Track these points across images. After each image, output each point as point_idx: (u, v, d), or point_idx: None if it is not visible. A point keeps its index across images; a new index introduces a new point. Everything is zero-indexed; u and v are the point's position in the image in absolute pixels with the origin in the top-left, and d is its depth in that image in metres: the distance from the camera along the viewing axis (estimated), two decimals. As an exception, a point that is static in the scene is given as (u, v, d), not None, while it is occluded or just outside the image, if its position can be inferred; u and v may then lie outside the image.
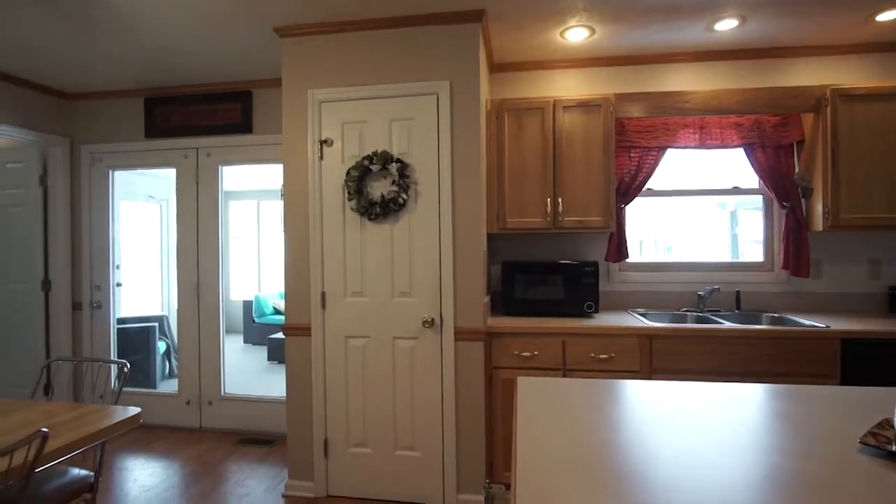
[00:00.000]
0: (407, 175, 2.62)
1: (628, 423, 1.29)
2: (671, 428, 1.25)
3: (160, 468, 3.16)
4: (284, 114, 2.78)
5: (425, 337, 2.63)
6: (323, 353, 2.73)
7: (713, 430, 1.24)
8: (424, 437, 2.64)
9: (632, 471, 1.01)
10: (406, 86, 2.64)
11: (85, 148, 3.94)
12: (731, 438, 1.18)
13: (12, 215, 3.90)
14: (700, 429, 1.24)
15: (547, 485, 0.96)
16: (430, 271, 2.63)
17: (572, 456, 1.09)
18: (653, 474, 1.00)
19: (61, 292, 3.88)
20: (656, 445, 1.14)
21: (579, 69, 3.26)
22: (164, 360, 4.99)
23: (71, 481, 2.00)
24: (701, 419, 1.31)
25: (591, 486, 0.96)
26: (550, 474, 1.01)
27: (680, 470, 1.02)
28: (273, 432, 3.68)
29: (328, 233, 2.72)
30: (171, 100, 3.78)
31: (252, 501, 2.72)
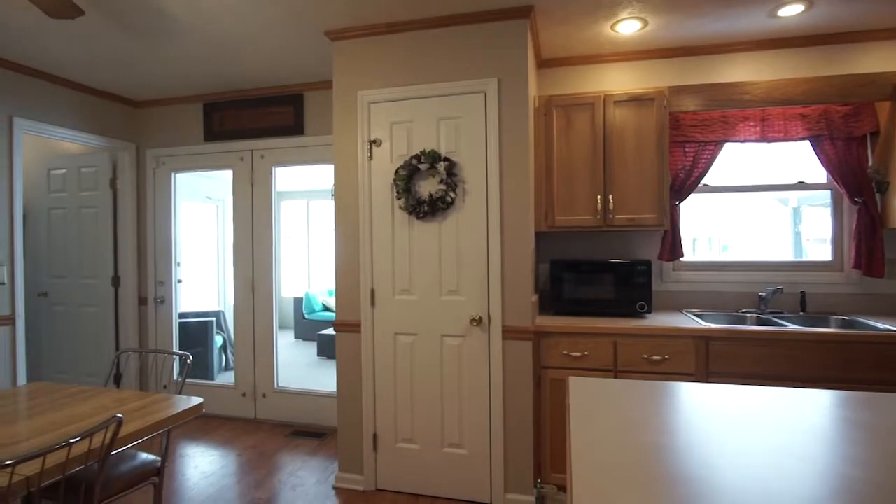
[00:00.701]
0: (455, 173, 2.63)
1: (686, 427, 1.24)
2: (731, 434, 1.20)
3: (219, 456, 3.31)
4: (335, 115, 2.85)
5: (473, 335, 2.63)
6: (372, 350, 2.78)
7: (777, 436, 1.18)
8: (472, 435, 2.64)
9: (691, 477, 0.98)
10: (453, 84, 2.65)
11: (150, 152, 4.17)
12: (797, 446, 1.12)
13: (85, 216, 4.18)
14: (763, 435, 1.18)
15: (604, 489, 0.94)
16: (478, 270, 2.62)
17: (629, 459, 1.06)
18: (713, 482, 0.96)
19: (129, 288, 4.13)
20: (716, 451, 1.10)
21: (630, 62, 3.17)
22: (220, 353, 5.23)
23: (140, 465, 2.12)
24: (763, 425, 1.25)
25: (650, 492, 0.93)
26: (607, 478, 0.99)
27: (742, 478, 0.97)
28: (323, 426, 3.78)
29: (377, 231, 2.77)
30: (228, 104, 3.94)
31: (305, 492, 2.81)
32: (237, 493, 2.80)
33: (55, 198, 4.27)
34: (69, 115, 3.68)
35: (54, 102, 3.58)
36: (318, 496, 2.76)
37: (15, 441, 1.59)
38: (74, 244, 4.20)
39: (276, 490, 2.84)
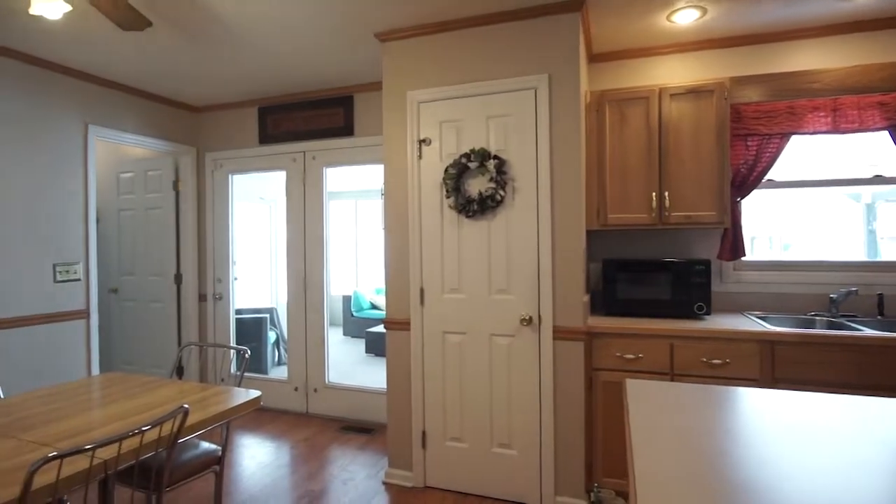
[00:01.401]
0: (504, 171, 2.61)
1: (752, 434, 1.18)
2: (802, 444, 1.12)
3: (273, 448, 3.42)
4: (385, 116, 2.89)
5: (523, 335, 2.60)
6: (421, 348, 2.80)
7: (853, 449, 1.09)
8: (521, 436, 2.61)
9: (760, 488, 0.92)
10: (503, 82, 2.63)
11: (209, 155, 4.36)
12: (876, 460, 1.04)
13: (151, 217, 4.42)
14: (837, 447, 1.11)
15: (670, 497, 0.91)
16: (528, 269, 2.59)
17: (694, 467, 1.02)
18: (784, 495, 0.90)
19: (190, 285, 4.33)
20: (786, 462, 1.03)
21: (687, 53, 3.04)
22: (273, 348, 5.41)
23: (203, 453, 2.22)
24: (837, 436, 1.16)
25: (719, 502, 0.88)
26: (672, 485, 0.95)
27: (814, 492, 0.91)
28: (372, 421, 3.85)
29: (426, 230, 2.78)
30: (281, 108, 4.07)
31: (356, 486, 2.86)
32: (291, 484, 2.89)
33: (124, 200, 4.54)
34: (137, 122, 3.90)
35: (124, 110, 3.80)
36: (368, 490, 2.80)
37: (90, 428, 1.70)
38: (141, 243, 4.45)
39: (328, 483, 2.90)
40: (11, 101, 3.10)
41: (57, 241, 3.34)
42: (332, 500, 2.71)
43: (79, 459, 1.38)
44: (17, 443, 1.56)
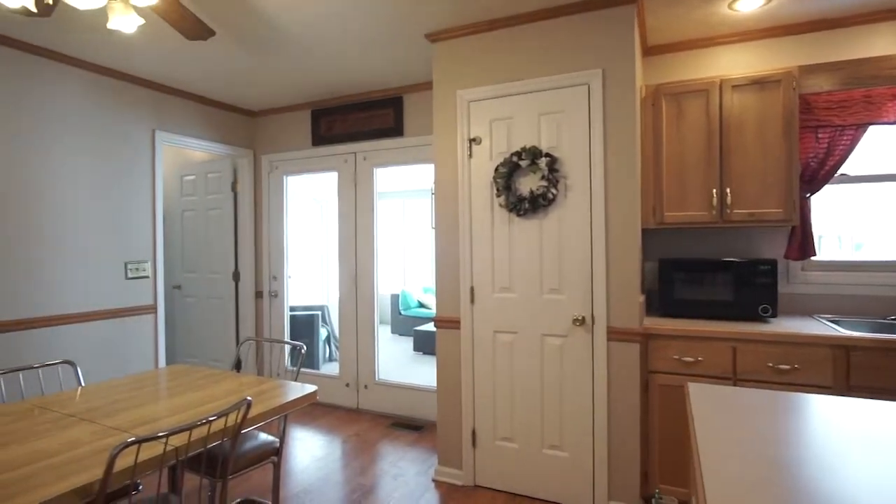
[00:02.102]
0: (556, 169, 2.57)
1: (825, 444, 1.10)
2: (885, 456, 1.04)
3: (326, 442, 3.51)
4: (435, 115, 2.90)
5: (575, 335, 2.55)
6: (472, 347, 2.80)
7: (960, 465, 1.01)
8: (573, 438, 2.57)
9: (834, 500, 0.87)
10: (555, 78, 2.59)
11: (265, 157, 4.53)
12: None
13: (211, 217, 4.63)
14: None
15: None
16: (581, 268, 2.54)
17: (764, 475, 0.97)
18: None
19: (247, 282, 4.51)
20: (865, 475, 0.96)
21: (749, 42, 2.90)
22: (325, 345, 5.55)
23: (262, 444, 2.30)
24: (940, 450, 1.08)
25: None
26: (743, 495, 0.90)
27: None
28: (422, 419, 3.88)
29: (477, 229, 2.78)
30: (333, 110, 4.17)
31: (406, 482, 2.90)
32: (343, 478, 2.96)
33: (187, 201, 4.78)
34: (198, 127, 4.10)
35: (187, 116, 4.00)
36: (418, 487, 2.83)
37: (158, 417, 1.80)
38: (202, 242, 4.67)
39: (379, 478, 2.95)
40: (87, 110, 3.32)
41: (128, 240, 3.55)
42: (383, 495, 2.76)
43: (153, 445, 1.46)
44: (99, 427, 1.67)
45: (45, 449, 1.49)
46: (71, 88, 3.22)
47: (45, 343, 3.08)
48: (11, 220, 2.93)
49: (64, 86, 3.19)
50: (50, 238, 3.11)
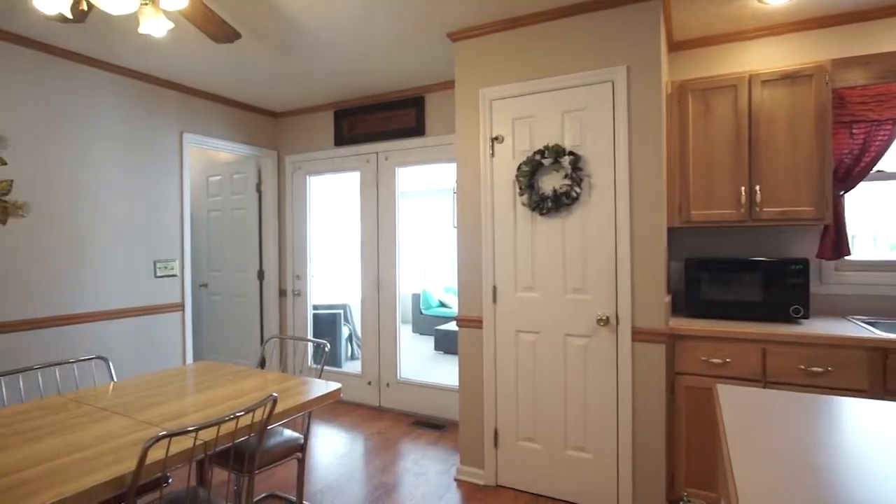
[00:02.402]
0: (580, 168, 2.54)
1: (862, 449, 1.07)
2: (942, 463, 1.00)
3: (348, 439, 3.54)
4: (457, 114, 2.90)
5: (599, 335, 2.52)
6: (494, 346, 2.79)
7: None
8: (597, 440, 2.54)
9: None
10: (578, 76, 2.56)
11: (288, 158, 4.59)
12: None
13: (236, 217, 4.72)
14: None
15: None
16: (605, 267, 2.51)
17: (799, 481, 0.94)
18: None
19: (271, 281, 4.58)
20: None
21: (779, 36, 2.82)
22: (347, 343, 5.60)
23: (286, 440, 2.33)
24: None
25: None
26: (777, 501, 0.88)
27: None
28: (443, 418, 3.89)
29: (499, 228, 2.77)
30: (355, 110, 4.20)
31: (428, 480, 2.90)
32: (366, 475, 2.98)
33: (213, 201, 4.87)
34: (224, 128, 4.18)
35: (213, 118, 4.08)
36: (440, 486, 2.83)
37: (186, 412, 1.83)
38: (228, 242, 4.76)
39: (401, 476, 2.97)
40: (119, 114, 3.41)
41: (157, 239, 3.64)
42: (405, 493, 2.77)
43: (183, 439, 1.49)
44: (131, 421, 1.71)
45: (79, 441, 1.54)
46: (104, 92, 3.32)
47: (80, 339, 3.18)
48: (54, 221, 3.03)
49: (97, 90, 3.28)
50: (85, 238, 3.21)
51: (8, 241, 2.86)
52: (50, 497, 1.20)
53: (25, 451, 1.47)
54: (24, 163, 2.92)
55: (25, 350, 2.92)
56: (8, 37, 2.85)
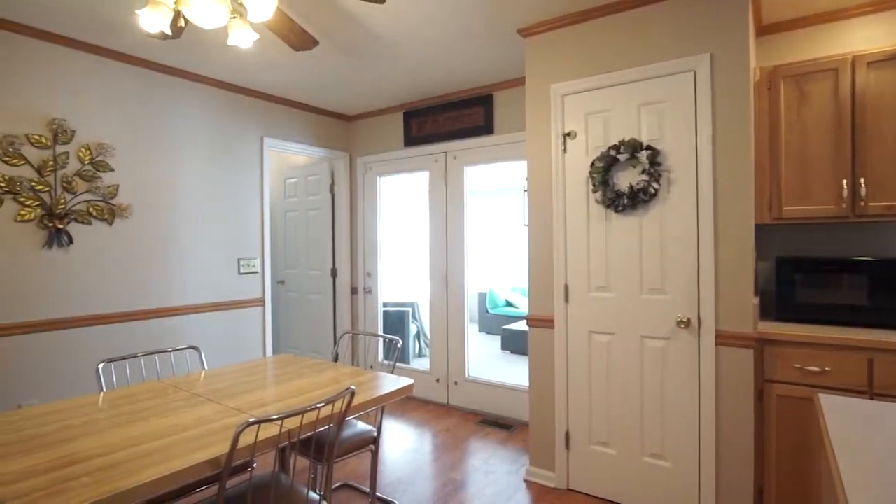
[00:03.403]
0: (658, 162, 2.43)
1: None
2: None
3: (417, 435, 3.60)
4: (528, 111, 2.87)
5: (679, 338, 2.40)
6: (565, 347, 2.73)
7: None
8: (676, 448, 2.42)
9: None
10: (656, 66, 2.45)
11: (360, 160, 4.73)
12: None
13: (311, 217, 4.93)
14: None
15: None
16: (686, 267, 2.39)
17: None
18: None
19: (343, 278, 4.75)
20: None
21: (888, 12, 2.55)
22: (415, 340, 5.70)
23: (360, 433, 2.41)
24: None
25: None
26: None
27: None
28: (511, 418, 3.86)
29: (571, 226, 2.71)
30: (424, 111, 4.26)
31: (497, 480, 2.89)
32: (434, 471, 3.01)
33: (289, 202, 5.12)
34: (300, 132, 4.38)
35: (290, 122, 4.29)
36: (509, 486, 2.82)
37: (269, 401, 1.93)
38: (303, 241, 4.99)
39: (470, 474, 2.97)
40: (206, 122, 3.67)
41: (240, 239, 3.88)
42: (474, 491, 2.77)
43: (269, 426, 1.58)
44: (222, 407, 1.83)
45: (180, 423, 1.67)
46: (193, 102, 3.58)
47: (173, 330, 3.44)
48: (151, 221, 3.31)
49: (187, 100, 3.55)
50: (178, 237, 3.47)
51: (114, 241, 3.15)
52: (165, 469, 1.33)
53: (139, 428, 1.62)
54: (126, 168, 3.21)
55: (127, 339, 3.21)
56: (115, 55, 3.14)
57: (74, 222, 2.97)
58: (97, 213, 3.06)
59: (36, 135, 2.81)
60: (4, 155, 2.70)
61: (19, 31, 2.75)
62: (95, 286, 3.06)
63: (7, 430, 1.61)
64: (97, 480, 1.26)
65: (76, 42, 2.97)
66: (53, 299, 2.89)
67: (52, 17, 2.68)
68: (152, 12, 1.83)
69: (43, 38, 2.84)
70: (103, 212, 3.09)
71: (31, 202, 2.79)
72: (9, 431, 1.60)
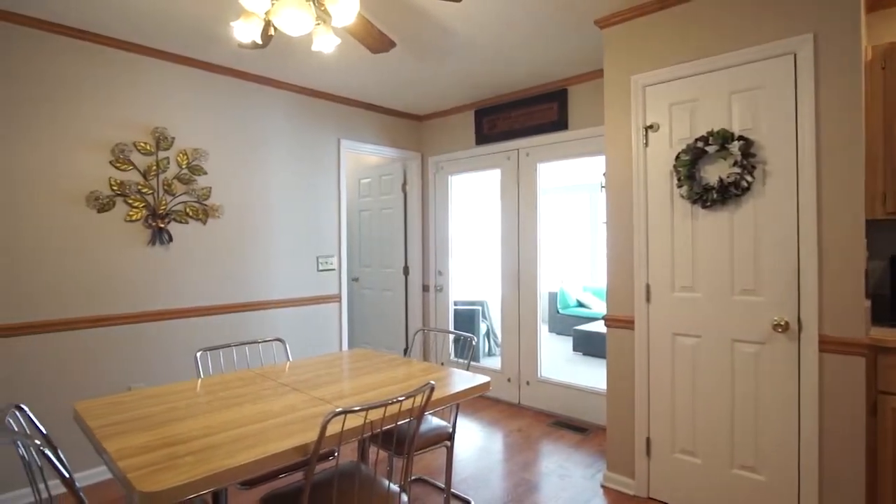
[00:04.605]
0: (752, 154, 2.27)
1: None
2: None
3: (488, 433, 3.59)
4: (606, 104, 2.77)
5: (776, 343, 2.23)
6: (647, 349, 2.62)
7: None
8: (772, 460, 2.24)
9: None
10: (749, 51, 2.28)
11: (431, 159, 4.79)
12: None
13: (384, 216, 5.05)
14: None
15: None
16: (784, 266, 2.20)
17: None
18: None
19: (415, 276, 4.83)
20: None
21: None
22: (484, 339, 5.69)
23: (436, 428, 2.43)
24: None
25: None
26: None
27: None
28: (585, 420, 3.75)
29: (653, 223, 2.59)
30: (496, 109, 4.24)
31: (572, 484, 2.82)
32: (507, 471, 2.99)
33: (364, 202, 5.28)
34: (373, 134, 4.50)
35: (364, 124, 4.42)
36: (585, 490, 2.74)
37: (350, 393, 1.99)
38: (376, 240, 5.12)
39: (544, 475, 2.92)
40: (288, 126, 3.86)
41: (319, 237, 4.05)
42: (548, 493, 2.72)
43: (353, 417, 1.63)
44: (307, 397, 1.92)
45: (271, 410, 1.76)
46: (276, 107, 3.78)
47: (258, 323, 3.65)
48: (239, 221, 3.53)
49: (272, 106, 3.75)
50: (262, 235, 3.68)
51: (207, 239, 3.39)
52: (259, 452, 1.40)
53: (234, 413, 1.74)
54: (218, 171, 3.44)
55: (216, 330, 3.44)
56: (210, 67, 3.38)
57: (173, 222, 3.23)
58: (193, 213, 3.30)
59: (142, 142, 3.08)
60: (116, 161, 2.98)
61: (130, 48, 3.02)
62: (191, 281, 3.31)
63: (123, 410, 1.78)
64: (200, 459, 1.36)
65: (178, 56, 3.22)
66: (156, 292, 3.16)
67: (162, 35, 2.92)
68: (245, 23, 1.95)
69: (150, 55, 3.11)
70: (198, 212, 3.33)
71: (137, 204, 3.06)
72: (124, 411, 1.77)
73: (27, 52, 2.69)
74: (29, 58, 2.70)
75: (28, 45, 2.69)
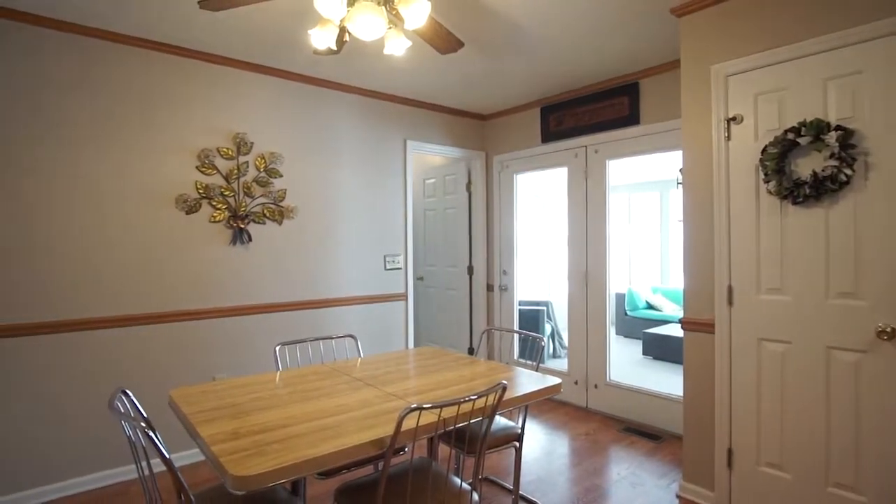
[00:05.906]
0: (852, 145, 2.08)
1: None
2: None
3: (556, 436, 3.53)
4: (683, 96, 2.64)
5: (880, 351, 2.03)
6: (728, 355, 2.47)
7: None
8: (876, 480, 2.05)
9: None
10: (848, 33, 2.09)
11: (496, 158, 4.77)
12: None
13: (448, 215, 5.09)
14: None
15: None
16: (890, 267, 2.01)
17: None
18: None
19: (480, 276, 4.83)
20: None
21: None
22: (549, 340, 5.60)
23: (504, 428, 2.42)
24: None
25: None
26: None
27: None
28: (658, 427, 3.60)
29: (736, 220, 2.44)
30: (562, 105, 4.15)
31: (645, 492, 2.71)
32: (576, 475, 2.92)
33: (428, 202, 5.34)
34: (438, 134, 4.54)
35: (429, 125, 4.47)
36: (661, 500, 2.63)
37: (421, 390, 2.02)
38: (441, 239, 5.17)
39: (614, 482, 2.83)
40: (356, 129, 3.97)
41: (386, 237, 4.14)
42: (620, 500, 2.63)
43: (427, 414, 1.65)
44: (380, 392, 1.97)
45: (346, 404, 1.82)
46: (346, 111, 3.90)
47: (329, 319, 3.79)
48: (311, 221, 3.68)
49: (340, 110, 3.87)
50: (333, 235, 3.82)
51: (282, 239, 3.56)
52: (339, 444, 1.46)
53: (312, 405, 1.81)
54: (292, 174, 3.60)
55: (291, 325, 3.60)
56: (285, 74, 3.54)
57: (252, 223, 3.41)
58: (270, 214, 3.48)
59: (224, 147, 3.28)
60: (202, 166, 3.19)
61: (215, 60, 3.23)
62: (267, 278, 3.49)
63: (211, 399, 1.90)
64: (285, 447, 1.43)
65: (257, 66, 3.41)
66: (236, 289, 3.35)
67: (246, 47, 3.10)
68: (322, 31, 2.03)
69: (233, 66, 3.31)
70: (274, 213, 3.50)
71: (220, 206, 3.27)
72: (212, 399, 1.89)
73: (123, 67, 2.94)
74: (126, 72, 2.95)
75: (122, 60, 2.94)
